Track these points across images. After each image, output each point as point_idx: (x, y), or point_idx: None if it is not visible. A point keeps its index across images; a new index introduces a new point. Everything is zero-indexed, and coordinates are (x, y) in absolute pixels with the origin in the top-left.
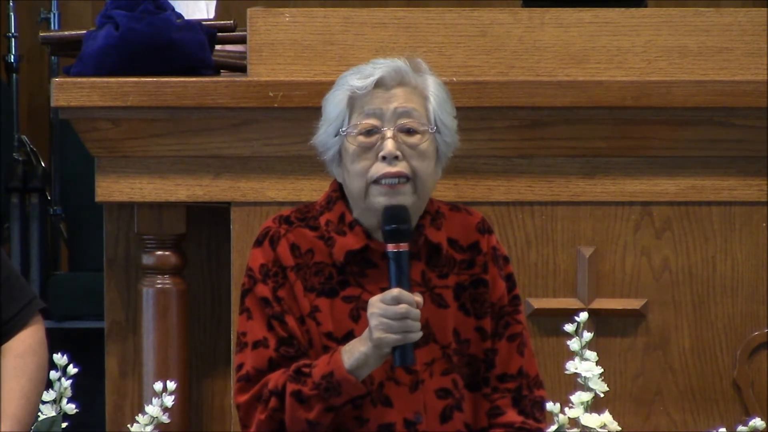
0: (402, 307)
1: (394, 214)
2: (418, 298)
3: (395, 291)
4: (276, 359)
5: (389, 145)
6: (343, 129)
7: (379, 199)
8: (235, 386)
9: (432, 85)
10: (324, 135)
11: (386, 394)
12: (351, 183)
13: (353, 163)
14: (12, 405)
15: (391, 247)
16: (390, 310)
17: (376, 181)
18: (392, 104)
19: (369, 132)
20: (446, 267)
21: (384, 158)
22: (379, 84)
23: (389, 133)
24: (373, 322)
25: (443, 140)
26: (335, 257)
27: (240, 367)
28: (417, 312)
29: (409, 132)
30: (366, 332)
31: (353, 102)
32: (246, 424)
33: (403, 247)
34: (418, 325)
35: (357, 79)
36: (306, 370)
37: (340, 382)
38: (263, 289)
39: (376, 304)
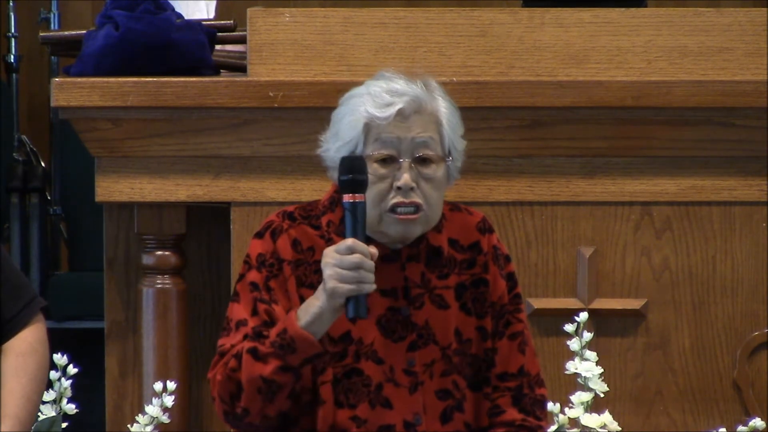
0: (356, 257)
1: (350, 165)
2: (372, 249)
3: (349, 241)
4: (250, 335)
5: (406, 178)
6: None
7: (394, 227)
8: (212, 363)
9: (443, 108)
10: (335, 154)
11: (385, 396)
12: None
13: (367, 190)
14: (13, 404)
15: (347, 197)
16: (344, 260)
17: (392, 210)
18: (410, 134)
19: (385, 161)
20: (447, 267)
21: (399, 188)
22: (397, 113)
23: (406, 165)
24: (327, 272)
25: (454, 166)
26: None
27: (220, 347)
28: (371, 263)
29: (425, 162)
30: (321, 285)
31: (369, 128)
32: (213, 396)
33: (359, 197)
34: (371, 276)
35: (376, 108)
36: (266, 333)
37: (293, 338)
38: (255, 275)
39: (330, 254)
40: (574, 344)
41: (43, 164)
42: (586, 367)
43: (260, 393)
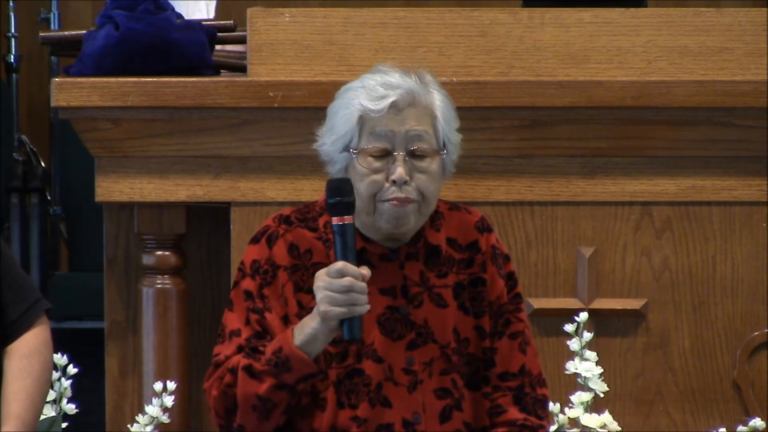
0: (346, 280)
1: (337, 187)
2: (364, 271)
3: (339, 264)
4: (244, 346)
5: (400, 171)
6: (353, 148)
7: (387, 214)
8: (207, 373)
9: (438, 102)
10: (330, 147)
11: (384, 395)
12: (357, 199)
13: (361, 182)
14: (17, 406)
15: (335, 221)
16: (334, 284)
17: (384, 201)
18: (404, 127)
19: (380, 155)
20: (445, 266)
21: (394, 182)
22: (391, 105)
23: (400, 158)
24: (319, 295)
25: (450, 159)
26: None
27: (215, 356)
28: (362, 285)
29: (420, 155)
30: (315, 308)
31: (364, 121)
32: (209, 407)
33: (348, 219)
34: (364, 298)
35: (370, 101)
36: (261, 348)
37: (289, 357)
38: (249, 284)
39: (321, 278)
40: (574, 344)
41: (43, 164)
42: (586, 367)
43: (255, 410)
